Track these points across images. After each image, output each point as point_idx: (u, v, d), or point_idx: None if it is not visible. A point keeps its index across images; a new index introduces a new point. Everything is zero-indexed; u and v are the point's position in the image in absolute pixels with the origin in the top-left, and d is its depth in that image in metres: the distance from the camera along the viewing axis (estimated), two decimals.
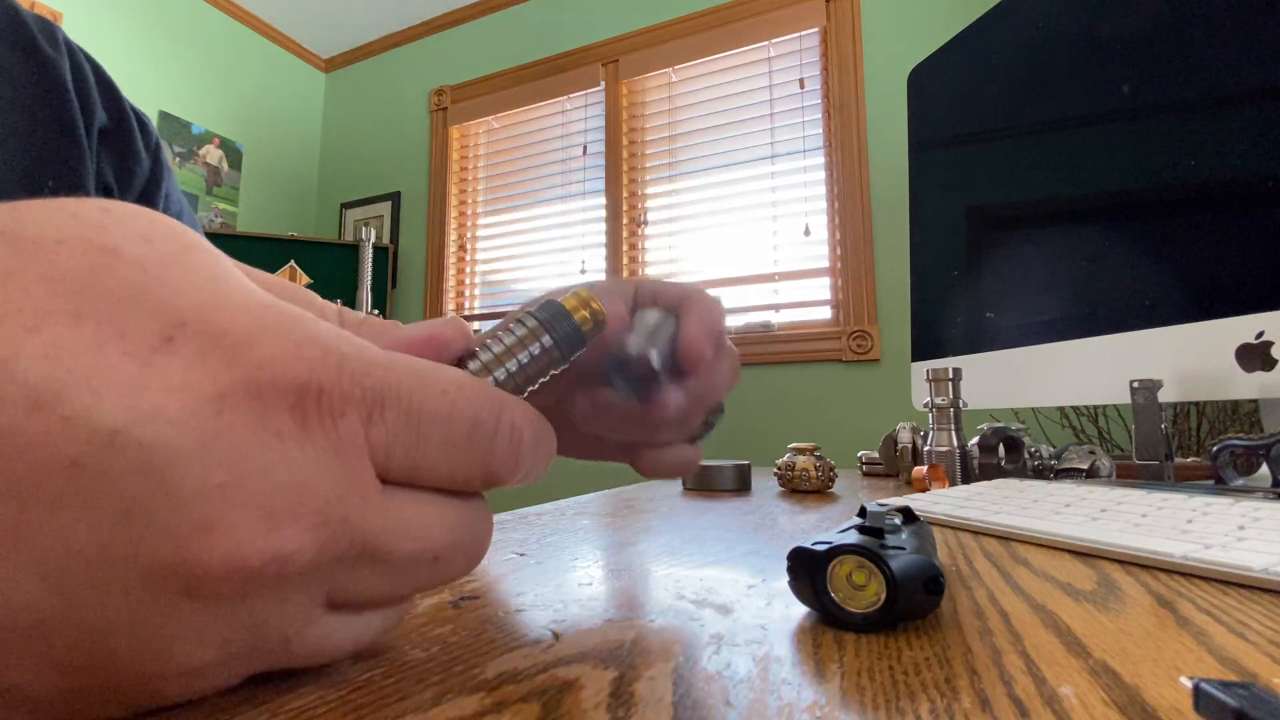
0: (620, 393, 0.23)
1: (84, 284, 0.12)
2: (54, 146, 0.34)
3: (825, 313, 1.94)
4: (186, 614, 0.12)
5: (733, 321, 2.02)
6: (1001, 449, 0.67)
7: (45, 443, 0.10)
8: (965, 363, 0.79)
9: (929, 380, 0.70)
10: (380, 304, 2.51)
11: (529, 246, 2.48)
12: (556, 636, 0.20)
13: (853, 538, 0.22)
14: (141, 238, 0.13)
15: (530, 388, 0.18)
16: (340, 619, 0.15)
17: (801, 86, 2.02)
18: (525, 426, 0.17)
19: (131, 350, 0.11)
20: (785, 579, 0.25)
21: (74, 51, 0.38)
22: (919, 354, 0.89)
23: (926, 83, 0.92)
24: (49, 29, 0.37)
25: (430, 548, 0.15)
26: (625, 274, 2.21)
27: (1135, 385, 0.56)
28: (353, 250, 2.50)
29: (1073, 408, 1.22)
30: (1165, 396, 0.55)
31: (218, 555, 0.11)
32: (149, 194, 0.41)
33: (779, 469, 0.65)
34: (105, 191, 0.38)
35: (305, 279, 2.42)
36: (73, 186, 0.34)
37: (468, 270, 2.63)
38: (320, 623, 0.15)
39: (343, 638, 0.15)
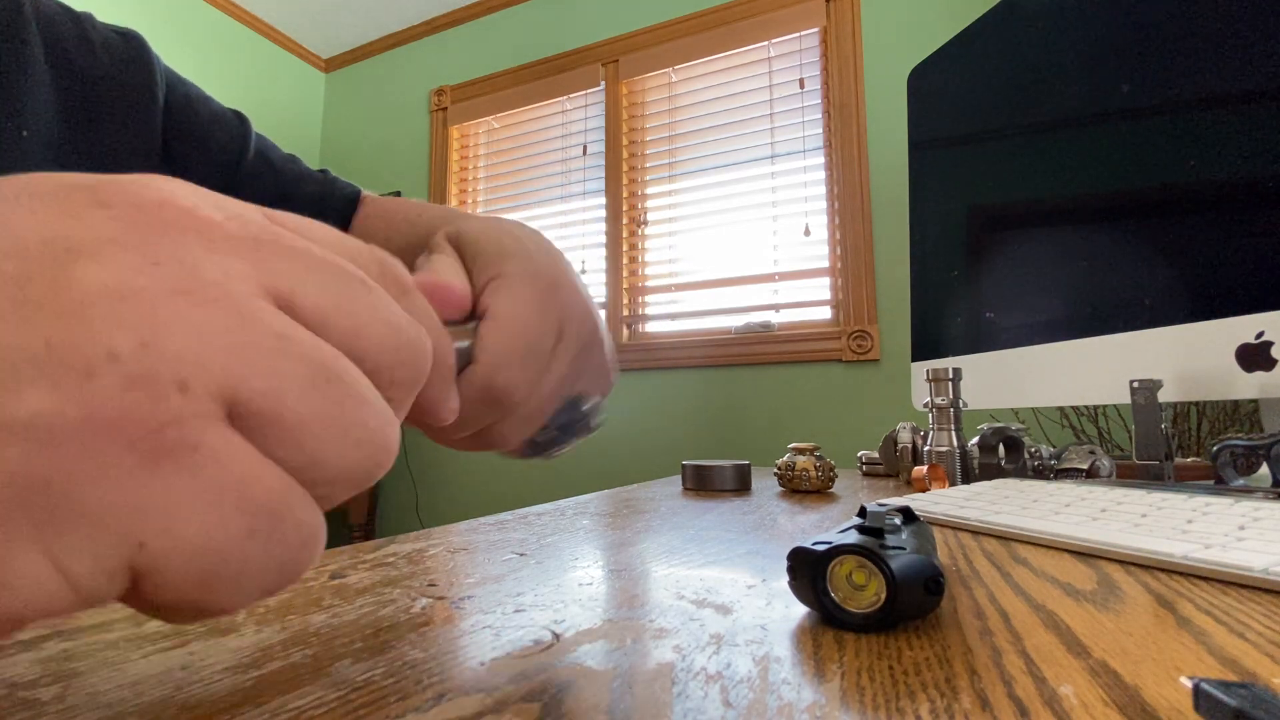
0: None
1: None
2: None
3: (825, 313, 1.94)
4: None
5: (734, 325, 2.02)
6: (1001, 449, 0.67)
7: None
8: (965, 363, 0.79)
9: (929, 380, 0.69)
10: None
11: None
12: (556, 637, 0.20)
13: (853, 538, 0.22)
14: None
15: None
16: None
17: (801, 86, 2.02)
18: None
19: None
20: (785, 579, 0.25)
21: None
22: (919, 354, 0.89)
23: (926, 83, 0.92)
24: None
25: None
26: (625, 275, 2.21)
27: (1135, 385, 0.56)
28: None
29: (1073, 408, 1.22)
30: (1165, 396, 0.55)
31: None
32: None
33: (779, 469, 0.65)
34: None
35: None
36: None
37: None
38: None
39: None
